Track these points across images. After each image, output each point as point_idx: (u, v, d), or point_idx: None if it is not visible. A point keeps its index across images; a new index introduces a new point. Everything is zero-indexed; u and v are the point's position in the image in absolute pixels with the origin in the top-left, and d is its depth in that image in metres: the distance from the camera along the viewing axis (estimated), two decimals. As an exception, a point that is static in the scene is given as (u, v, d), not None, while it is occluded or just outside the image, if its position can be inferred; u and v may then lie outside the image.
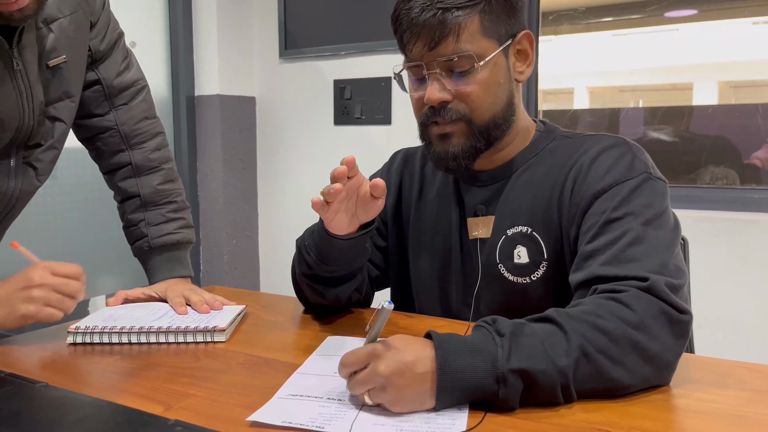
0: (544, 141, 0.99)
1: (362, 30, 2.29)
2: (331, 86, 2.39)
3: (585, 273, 0.81)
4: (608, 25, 2.28)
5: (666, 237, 0.82)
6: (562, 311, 0.73)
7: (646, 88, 2.38)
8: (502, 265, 0.97)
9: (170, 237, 1.22)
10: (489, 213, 0.99)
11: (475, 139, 0.92)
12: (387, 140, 2.29)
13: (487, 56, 0.90)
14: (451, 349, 0.68)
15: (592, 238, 0.85)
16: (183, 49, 2.45)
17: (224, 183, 2.50)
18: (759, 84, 2.12)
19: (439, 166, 0.97)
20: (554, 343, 0.69)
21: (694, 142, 2.04)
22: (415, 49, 0.90)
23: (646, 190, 0.86)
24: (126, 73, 1.21)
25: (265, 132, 2.58)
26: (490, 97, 0.91)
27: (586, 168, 0.91)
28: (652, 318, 0.72)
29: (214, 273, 2.57)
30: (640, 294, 0.74)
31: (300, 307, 1.16)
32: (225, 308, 1.07)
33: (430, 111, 0.92)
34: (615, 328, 0.70)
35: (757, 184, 1.91)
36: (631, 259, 0.79)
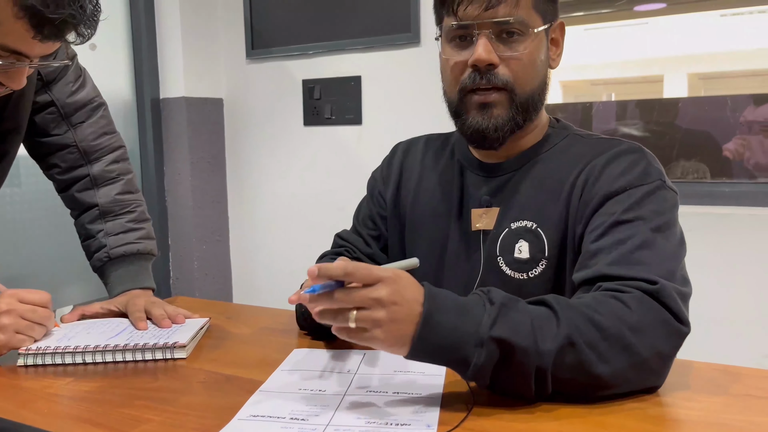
0: (557, 137, 0.98)
1: (331, 29, 2.25)
2: (299, 86, 2.35)
3: (591, 271, 0.80)
4: (579, 20, 2.30)
5: (674, 247, 0.82)
6: (561, 299, 0.72)
7: (618, 81, 2.40)
8: (501, 258, 0.95)
9: (131, 246, 1.17)
10: (494, 204, 0.97)
11: (516, 112, 0.91)
12: (358, 140, 2.26)
13: (537, 28, 0.90)
14: (439, 303, 0.68)
15: (598, 236, 0.84)
16: (146, 50, 2.38)
17: (193, 187, 2.44)
18: (727, 75, 2.14)
19: (474, 138, 0.93)
20: (543, 326, 0.68)
21: (665, 136, 2.04)
22: (469, 8, 0.88)
23: (658, 198, 0.85)
24: (80, 91, 1.18)
25: (234, 134, 2.53)
26: (533, 70, 0.91)
27: (599, 170, 0.90)
28: (650, 323, 0.71)
29: (184, 279, 2.51)
30: (644, 297, 0.73)
31: (266, 318, 1.12)
32: (187, 321, 1.03)
33: (474, 75, 0.90)
34: (610, 325, 0.69)
35: (728, 178, 1.92)
36: (639, 261, 0.78)
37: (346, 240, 1.11)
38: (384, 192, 1.10)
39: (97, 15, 0.89)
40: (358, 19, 2.19)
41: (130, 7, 2.39)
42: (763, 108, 1.96)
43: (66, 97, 1.16)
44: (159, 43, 2.42)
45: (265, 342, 0.98)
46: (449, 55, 0.93)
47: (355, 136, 2.27)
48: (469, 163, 1.01)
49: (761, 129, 1.93)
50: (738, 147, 1.96)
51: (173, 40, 2.38)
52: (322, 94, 2.30)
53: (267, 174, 2.47)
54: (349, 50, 2.23)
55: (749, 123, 1.94)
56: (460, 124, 0.95)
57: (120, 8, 2.38)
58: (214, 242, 2.54)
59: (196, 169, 2.45)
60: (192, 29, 2.40)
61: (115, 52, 2.38)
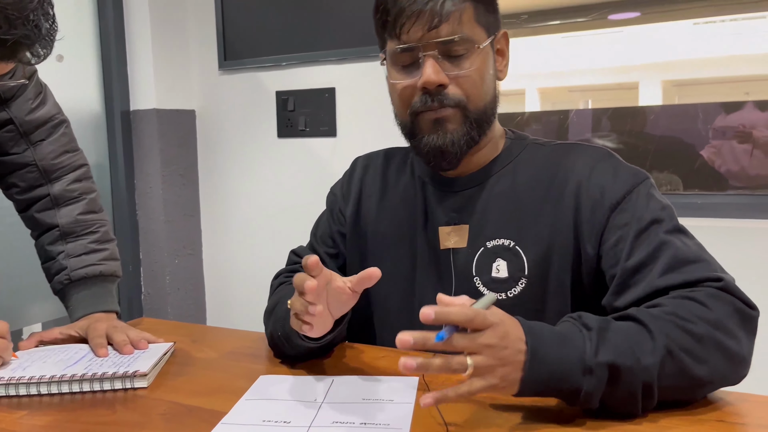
0: (517, 148, 0.98)
1: (304, 40, 2.23)
2: (273, 98, 2.32)
3: (643, 287, 0.80)
4: (555, 29, 2.32)
5: (694, 239, 0.85)
6: (643, 311, 0.74)
7: (595, 88, 2.43)
8: (478, 278, 0.93)
9: (93, 268, 1.13)
10: (462, 221, 0.95)
11: (470, 128, 0.91)
12: (332, 152, 2.24)
13: (482, 42, 0.90)
14: (540, 337, 0.68)
15: (628, 254, 0.83)
16: (115, 61, 2.34)
17: (164, 200, 2.40)
18: (701, 82, 2.17)
19: (432, 156, 0.92)
20: (640, 341, 0.69)
21: (638, 147, 2.06)
22: (412, 30, 0.87)
23: (654, 194, 0.88)
24: (40, 108, 1.14)
25: (207, 146, 2.49)
26: (484, 86, 0.91)
27: (586, 184, 0.89)
28: (727, 316, 0.73)
29: (156, 295, 2.46)
30: (715, 293, 0.75)
31: (234, 341, 1.09)
32: (150, 347, 0.99)
33: (424, 97, 0.89)
34: (698, 327, 0.71)
35: (700, 189, 1.94)
36: (687, 265, 0.79)
37: (301, 257, 1.08)
38: (344, 209, 1.07)
39: (53, 34, 0.86)
40: (332, 30, 2.17)
41: (99, 16, 2.34)
42: (735, 114, 1.99)
43: (25, 114, 1.13)
44: (129, 54, 2.37)
45: (231, 368, 0.95)
46: (397, 79, 0.92)
47: (329, 148, 2.24)
48: (430, 179, 1.00)
49: (734, 135, 1.95)
50: (710, 155, 1.98)
51: (143, 51, 2.35)
52: (296, 106, 2.28)
53: (241, 186, 2.44)
54: (323, 62, 2.21)
55: (722, 129, 1.96)
56: (416, 145, 0.93)
57: (88, 18, 2.33)
58: (186, 256, 2.50)
59: (167, 182, 2.40)
60: (163, 40, 2.36)
61: (83, 63, 2.33)
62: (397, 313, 1.01)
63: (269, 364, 0.95)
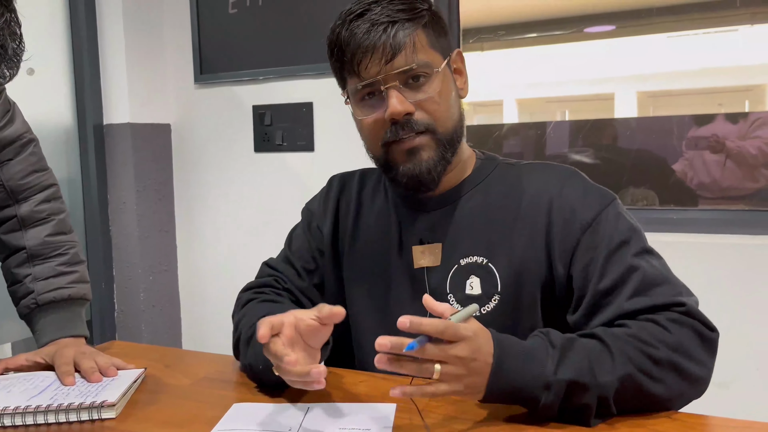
0: (488, 168, 1.00)
1: (281, 54, 2.22)
2: (250, 112, 2.30)
3: (613, 310, 0.84)
4: (532, 41, 2.35)
5: (661, 259, 0.89)
6: (608, 331, 0.79)
7: (572, 99, 2.47)
8: (452, 295, 0.95)
9: (61, 292, 1.10)
10: (435, 240, 0.96)
11: (444, 149, 0.92)
12: (310, 167, 2.22)
13: (439, 66, 0.92)
14: (507, 351, 0.74)
15: (599, 277, 0.86)
16: (89, 75, 2.30)
17: (138, 215, 2.36)
18: (675, 93, 2.22)
19: (410, 185, 0.93)
20: (600, 360, 0.75)
21: (615, 162, 2.08)
22: (370, 66, 0.89)
23: (622, 214, 0.91)
24: (7, 127, 1.11)
25: (182, 160, 2.46)
26: (449, 106, 0.93)
27: (557, 203, 0.92)
28: (688, 339, 0.79)
29: (129, 312, 2.41)
30: (678, 317, 0.80)
31: (208, 366, 1.07)
32: (120, 374, 0.96)
33: (393, 127, 0.90)
34: (657, 351, 0.77)
35: (675, 204, 1.96)
36: (653, 289, 0.83)
37: (277, 269, 1.07)
38: (321, 226, 1.07)
39: (19, 54, 0.84)
40: (310, 44, 2.16)
41: (71, 28, 2.31)
42: (706, 127, 2.02)
43: None
44: (102, 67, 2.34)
45: (204, 395, 0.92)
46: (363, 115, 0.93)
47: (307, 163, 2.23)
48: (403, 200, 1.01)
49: (707, 145, 1.97)
50: (683, 167, 2.01)
51: (117, 64, 2.31)
52: (273, 120, 2.26)
53: (217, 201, 2.41)
54: (300, 76, 2.20)
55: (695, 139, 1.99)
56: (393, 176, 0.94)
57: (60, 29, 2.29)
58: (161, 272, 2.46)
59: (141, 198, 2.36)
60: (137, 52, 2.33)
61: (55, 76, 2.29)
62: (372, 333, 0.99)
63: (243, 391, 0.93)
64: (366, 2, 0.91)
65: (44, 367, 1.01)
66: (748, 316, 1.69)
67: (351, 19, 0.90)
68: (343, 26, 0.91)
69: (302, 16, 2.16)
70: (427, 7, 0.93)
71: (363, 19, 0.89)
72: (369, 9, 0.90)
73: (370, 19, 0.89)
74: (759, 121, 1.94)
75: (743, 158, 1.94)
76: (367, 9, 0.90)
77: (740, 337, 1.69)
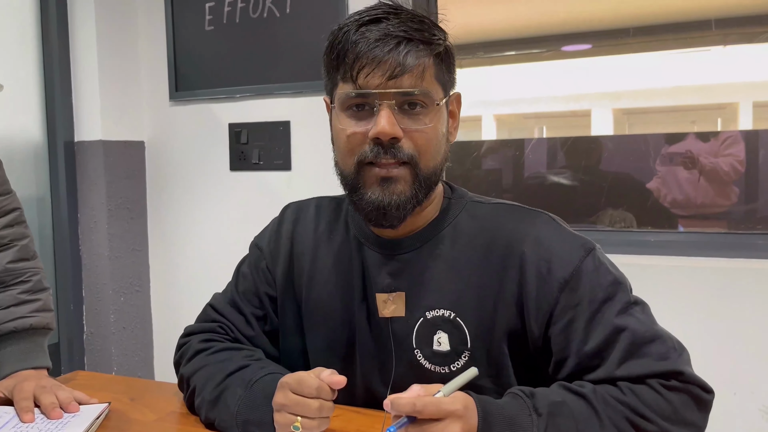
0: (456, 209, 0.93)
1: (258, 72, 2.20)
2: (226, 130, 2.28)
3: (602, 374, 0.80)
4: (509, 59, 2.36)
5: (645, 308, 0.85)
6: (599, 393, 0.77)
7: (549, 115, 2.49)
8: (419, 350, 0.89)
9: (22, 321, 1.06)
10: (398, 288, 0.90)
11: (419, 188, 0.85)
12: (287, 186, 2.20)
13: (440, 100, 0.86)
14: (490, 422, 0.72)
15: (583, 339, 0.82)
16: (59, 90, 2.26)
17: (109, 235, 2.31)
18: (649, 111, 2.25)
19: (373, 215, 0.86)
20: (588, 429, 0.74)
21: (593, 185, 2.09)
22: (371, 77, 0.82)
23: (602, 266, 0.85)
24: None
25: (156, 179, 2.42)
26: (437, 144, 0.86)
27: (531, 257, 0.86)
28: (684, 406, 0.77)
29: (99, 334, 2.36)
30: (674, 384, 0.78)
31: (175, 399, 1.04)
32: (83, 409, 0.93)
33: (375, 148, 0.83)
34: (648, 423, 0.75)
35: (653, 227, 1.98)
36: (644, 346, 0.80)
37: (223, 315, 1.00)
38: (273, 268, 1.00)
39: None
40: (287, 63, 2.15)
41: (42, 42, 2.27)
42: (677, 145, 2.05)
43: None
44: (74, 82, 2.30)
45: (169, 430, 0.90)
46: (345, 124, 0.86)
47: (284, 182, 2.21)
48: (366, 239, 0.94)
49: (681, 160, 1.99)
50: (658, 185, 2.03)
51: (90, 79, 2.27)
52: (249, 139, 2.24)
53: (191, 221, 2.37)
54: (277, 94, 2.18)
55: (669, 155, 2.00)
56: (358, 199, 0.87)
57: (31, 43, 2.25)
58: (133, 293, 2.41)
59: (113, 217, 2.32)
60: (110, 68, 2.30)
61: (25, 91, 2.24)
62: None
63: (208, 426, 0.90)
64: (383, 10, 0.85)
65: (3, 401, 0.97)
66: (724, 339, 1.70)
67: (364, 22, 0.83)
68: (352, 28, 0.84)
69: (280, 33, 2.15)
70: (444, 38, 0.87)
71: (378, 26, 0.83)
72: (386, 18, 0.83)
73: (386, 29, 0.82)
74: (730, 139, 1.96)
75: (716, 174, 1.96)
76: (385, 17, 0.83)
77: (718, 359, 1.70)
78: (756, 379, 1.67)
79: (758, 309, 1.68)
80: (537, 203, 0.97)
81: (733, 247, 1.78)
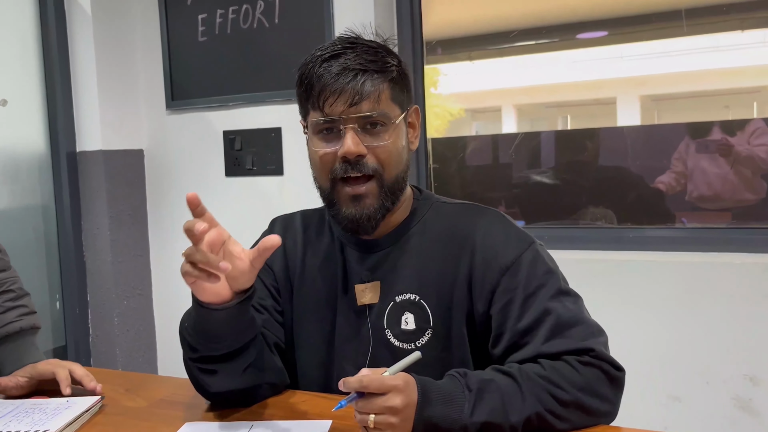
0: (423, 209, 1.11)
1: (250, 80, 2.36)
2: (220, 137, 2.44)
3: (531, 350, 0.96)
4: (524, 49, 2.37)
5: (576, 300, 1.01)
6: (523, 371, 0.92)
7: (572, 104, 2.46)
8: (389, 330, 1.07)
9: (12, 326, 1.22)
10: (374, 279, 1.08)
11: (385, 198, 1.03)
12: (280, 191, 2.35)
13: (396, 119, 1.03)
14: (429, 397, 0.86)
15: (518, 317, 0.98)
16: (61, 103, 2.44)
17: (112, 241, 2.48)
18: (678, 96, 2.22)
19: (349, 227, 1.04)
20: (512, 401, 0.88)
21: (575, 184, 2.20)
22: (335, 105, 0.99)
23: (540, 258, 1.03)
24: None
25: (155, 185, 2.59)
26: (397, 156, 1.04)
27: (480, 246, 1.04)
28: (596, 379, 0.92)
29: (104, 337, 2.53)
30: (587, 359, 0.93)
31: (167, 388, 1.19)
32: (74, 401, 1.07)
33: (344, 165, 1.01)
34: (564, 392, 0.90)
35: (633, 223, 2.09)
36: (567, 332, 0.96)
37: None
38: (271, 264, 1.16)
39: None
40: (278, 71, 2.30)
41: (44, 58, 2.44)
42: (711, 135, 2.02)
43: None
44: (75, 95, 2.47)
45: (159, 416, 1.05)
46: (318, 147, 1.04)
47: (276, 187, 2.36)
48: (348, 241, 1.12)
49: (718, 147, 2.00)
50: (671, 180, 2.07)
51: (89, 92, 2.44)
52: (243, 145, 2.39)
53: (190, 225, 2.53)
54: (269, 102, 2.34)
55: (705, 142, 2.02)
56: (334, 213, 1.06)
57: (33, 59, 2.43)
58: (135, 297, 2.58)
59: (115, 223, 2.49)
60: (109, 80, 2.47)
61: (28, 106, 2.42)
62: (319, 365, 1.12)
63: (197, 411, 1.05)
64: (342, 46, 1.02)
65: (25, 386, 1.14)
66: (696, 332, 1.83)
67: (325, 58, 1.01)
68: (316, 63, 1.01)
69: (271, 43, 2.31)
70: (397, 63, 1.04)
71: (337, 61, 1.00)
72: (344, 53, 1.00)
73: (343, 64, 0.99)
74: (759, 130, 1.97)
75: (752, 162, 1.97)
76: (342, 53, 1.00)
77: (689, 351, 1.82)
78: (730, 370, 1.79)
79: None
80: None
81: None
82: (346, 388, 0.84)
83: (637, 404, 1.83)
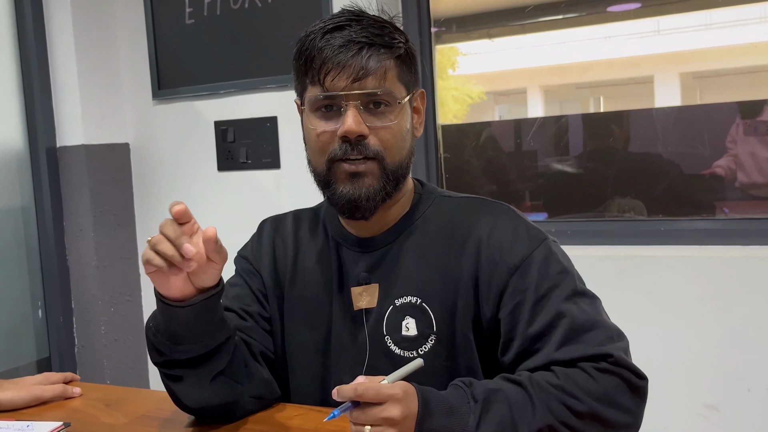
0: (425, 204, 1.07)
1: (242, 66, 2.31)
2: (212, 128, 2.40)
3: (542, 357, 0.92)
4: (549, 25, 2.27)
5: (593, 301, 0.97)
6: (534, 380, 0.88)
7: (605, 84, 2.37)
8: (389, 337, 1.02)
9: None
10: (372, 281, 1.04)
11: (386, 181, 1.00)
12: (277, 185, 2.31)
13: (402, 99, 1.01)
14: (431, 408, 0.83)
15: (528, 322, 0.94)
16: (39, 94, 2.40)
17: (96, 243, 2.45)
18: (723, 73, 2.14)
19: (345, 208, 1.00)
20: (522, 413, 0.85)
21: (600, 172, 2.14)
22: (336, 80, 0.96)
23: (552, 256, 0.98)
24: None
25: (143, 182, 2.56)
26: (401, 140, 1.01)
27: (486, 244, 1.00)
28: (615, 388, 0.88)
29: (90, 347, 2.50)
30: (606, 367, 0.89)
31: (150, 403, 1.15)
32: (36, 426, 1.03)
33: (343, 145, 0.97)
34: (580, 403, 0.86)
35: (664, 215, 2.03)
36: (583, 338, 0.92)
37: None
38: (260, 269, 1.13)
39: None
40: (271, 55, 2.26)
41: (19, 45, 2.41)
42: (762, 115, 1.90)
43: None
44: (53, 85, 2.44)
45: (137, 433, 1.01)
46: (315, 125, 1.00)
47: (273, 181, 2.32)
48: (344, 239, 1.08)
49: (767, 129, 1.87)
50: (730, 164, 1.96)
51: (69, 81, 2.41)
52: (236, 137, 2.35)
53: (180, 225, 2.49)
54: (263, 89, 2.29)
55: (754, 123, 1.91)
56: (330, 194, 1.01)
57: (7, 46, 2.40)
58: (123, 303, 2.54)
59: (99, 224, 2.46)
60: (90, 71, 2.43)
61: (4, 98, 2.39)
62: (313, 375, 1.08)
63: (178, 428, 1.01)
64: (346, 17, 0.99)
65: None
66: (737, 334, 1.77)
67: (328, 30, 0.98)
68: (318, 35, 0.98)
69: (264, 25, 2.26)
70: (404, 41, 1.02)
71: (341, 33, 0.97)
72: (348, 25, 0.98)
73: (348, 36, 0.97)
74: None
75: None
76: (347, 24, 0.98)
77: (730, 357, 1.76)
78: None
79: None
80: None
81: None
82: (339, 397, 0.81)
83: (670, 414, 1.78)
